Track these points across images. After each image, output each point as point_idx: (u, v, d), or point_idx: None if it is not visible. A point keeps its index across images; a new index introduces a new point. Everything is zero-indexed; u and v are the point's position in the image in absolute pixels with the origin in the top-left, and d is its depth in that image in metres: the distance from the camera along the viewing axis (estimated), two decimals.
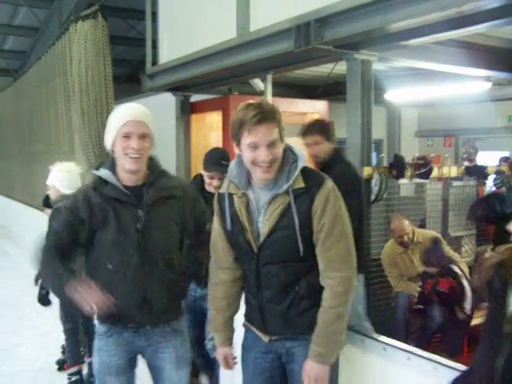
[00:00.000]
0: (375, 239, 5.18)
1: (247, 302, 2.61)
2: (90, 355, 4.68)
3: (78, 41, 6.16)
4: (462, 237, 5.78)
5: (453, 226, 5.75)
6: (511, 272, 1.86)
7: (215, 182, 3.70)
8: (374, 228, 5.24)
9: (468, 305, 4.64)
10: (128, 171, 2.63)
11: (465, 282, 4.67)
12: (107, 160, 2.74)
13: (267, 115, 2.31)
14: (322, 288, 2.41)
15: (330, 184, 2.42)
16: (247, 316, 2.65)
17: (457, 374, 2.32)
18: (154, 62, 7.05)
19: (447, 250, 5.08)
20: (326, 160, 4.13)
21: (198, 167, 7.59)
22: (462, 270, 4.77)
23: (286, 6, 4.65)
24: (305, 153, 2.54)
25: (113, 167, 2.67)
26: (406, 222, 5.04)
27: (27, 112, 10.96)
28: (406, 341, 3.46)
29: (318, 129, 4.24)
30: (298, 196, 2.39)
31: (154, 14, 6.96)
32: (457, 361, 2.66)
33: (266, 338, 2.54)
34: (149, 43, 7.05)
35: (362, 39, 4.26)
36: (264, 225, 2.41)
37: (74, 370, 4.52)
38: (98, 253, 2.63)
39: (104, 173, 2.65)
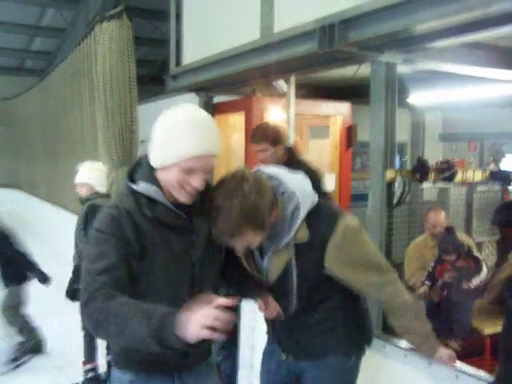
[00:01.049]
0: (397, 243, 5.16)
1: (266, 320, 2.60)
2: (109, 353, 4.76)
3: (103, 41, 6.22)
4: (485, 242, 5.71)
5: (476, 231, 5.68)
6: None
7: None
8: (396, 232, 5.22)
9: (476, 281, 4.57)
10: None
11: (483, 264, 4.63)
12: (138, 166, 2.17)
13: None
14: (341, 309, 2.40)
15: (342, 225, 2.24)
16: (267, 331, 2.64)
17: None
18: (178, 63, 7.08)
19: (462, 236, 5.06)
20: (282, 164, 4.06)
21: (220, 168, 7.60)
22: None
23: (310, 8, 4.63)
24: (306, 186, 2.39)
25: (155, 180, 2.10)
26: (443, 214, 5.06)
27: (52, 112, 11.09)
28: None
29: (261, 136, 4.25)
30: (301, 251, 2.27)
31: (178, 15, 7.01)
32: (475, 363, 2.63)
33: (282, 356, 2.54)
34: (173, 44, 7.08)
35: (386, 41, 4.22)
36: (270, 273, 2.38)
37: (89, 367, 4.60)
38: (142, 291, 2.02)
39: (149, 189, 2.07)
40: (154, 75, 13.62)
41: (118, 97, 6.16)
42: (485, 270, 4.63)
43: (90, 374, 4.58)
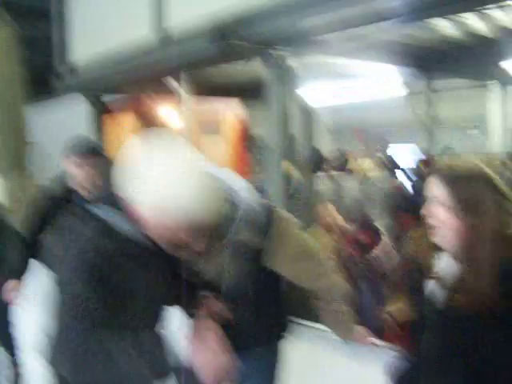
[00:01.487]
0: None
1: None
2: None
3: None
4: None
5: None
6: (425, 265, 1.94)
7: None
8: None
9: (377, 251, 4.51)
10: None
11: (385, 238, 4.70)
12: None
13: None
14: None
15: None
16: None
17: None
18: (63, 63, 6.86)
19: None
20: None
21: None
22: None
23: (202, 4, 4.67)
24: None
25: None
26: (330, 207, 5.21)
27: None
28: None
29: None
30: None
31: (61, 12, 6.77)
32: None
33: None
34: (57, 43, 6.86)
35: (274, 37, 4.33)
36: None
37: None
38: None
39: None
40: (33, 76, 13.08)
41: (4, 101, 5.88)
42: (385, 239, 4.74)
43: None
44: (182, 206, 1.66)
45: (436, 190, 1.83)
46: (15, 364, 4.67)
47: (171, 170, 1.68)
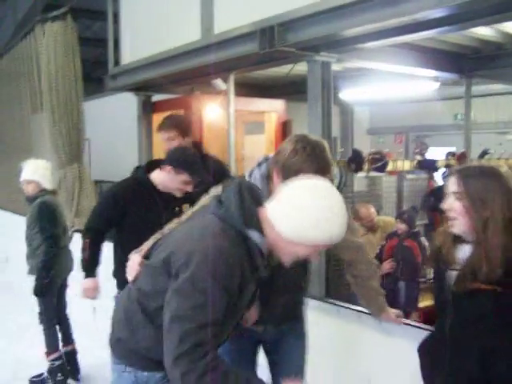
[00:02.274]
0: None
1: None
2: (65, 344, 4.90)
3: (46, 42, 6.30)
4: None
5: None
6: (448, 256, 2.18)
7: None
8: None
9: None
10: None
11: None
12: (241, 206, 2.00)
13: None
14: None
15: None
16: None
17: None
18: (116, 63, 7.20)
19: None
20: None
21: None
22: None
23: (250, 10, 4.92)
24: None
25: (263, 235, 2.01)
26: (372, 209, 5.45)
27: None
28: None
29: (173, 124, 4.19)
30: None
31: (116, 15, 7.10)
32: None
33: (259, 330, 2.79)
34: (111, 44, 7.18)
35: (321, 42, 4.57)
36: None
37: (54, 356, 4.73)
38: None
39: (263, 244, 2.00)
40: (87, 75, 13.56)
41: (63, 97, 6.27)
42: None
43: (57, 363, 4.72)
44: (321, 241, 1.94)
45: (453, 186, 2.10)
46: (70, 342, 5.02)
47: (324, 211, 1.91)
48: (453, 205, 2.11)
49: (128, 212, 3.45)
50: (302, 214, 1.90)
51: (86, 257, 3.60)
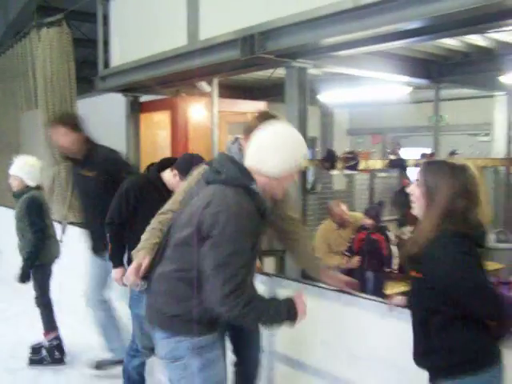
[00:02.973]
0: (312, 227, 5.92)
1: None
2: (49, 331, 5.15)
3: (42, 46, 6.62)
4: (388, 221, 6.56)
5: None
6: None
7: None
8: (311, 218, 5.96)
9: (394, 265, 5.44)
10: (271, 198, 2.54)
11: (392, 247, 5.44)
12: (230, 167, 2.47)
13: None
14: None
15: None
16: None
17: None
18: (106, 64, 7.50)
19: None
20: (85, 150, 4.45)
21: (147, 163, 8.11)
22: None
23: (233, 19, 5.27)
24: None
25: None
26: (344, 207, 5.82)
27: None
28: None
29: (63, 121, 4.51)
30: None
31: (105, 18, 7.37)
32: None
33: None
34: (100, 46, 7.44)
35: (298, 50, 4.96)
36: None
37: (53, 335, 5.05)
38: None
39: (260, 190, 2.45)
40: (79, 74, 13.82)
41: (58, 97, 6.59)
42: (395, 253, 5.45)
43: (55, 342, 5.05)
44: (299, 163, 2.51)
45: (418, 175, 2.48)
46: None
47: (290, 143, 2.48)
48: (413, 190, 2.48)
49: (138, 208, 3.72)
50: (276, 150, 2.43)
51: (111, 249, 3.87)
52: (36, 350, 5.07)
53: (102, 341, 4.74)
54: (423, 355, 2.40)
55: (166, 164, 3.89)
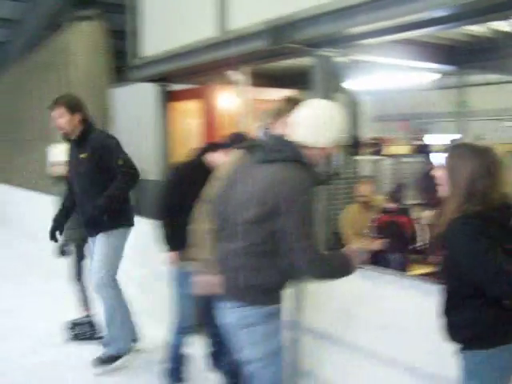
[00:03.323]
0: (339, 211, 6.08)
1: None
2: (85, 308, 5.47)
3: (78, 39, 6.89)
4: (412, 205, 6.69)
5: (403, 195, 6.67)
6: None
7: None
8: (337, 202, 6.12)
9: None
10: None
11: (417, 227, 5.57)
12: (279, 145, 2.78)
13: None
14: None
15: None
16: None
17: None
18: (137, 55, 7.72)
19: None
20: (79, 132, 4.62)
21: (177, 150, 8.36)
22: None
23: (261, 10, 5.46)
24: None
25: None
26: (370, 187, 5.97)
27: (12, 102, 11.50)
28: None
29: (60, 102, 4.64)
30: None
31: (134, 8, 7.59)
32: None
33: None
34: (131, 37, 7.70)
35: (324, 40, 5.11)
36: None
37: (87, 313, 5.37)
38: None
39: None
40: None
41: (92, 87, 6.86)
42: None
43: (89, 319, 5.37)
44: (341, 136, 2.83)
45: (443, 159, 2.62)
46: None
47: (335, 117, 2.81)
48: (439, 173, 2.62)
49: (188, 192, 3.82)
50: (320, 124, 2.75)
51: (164, 234, 4.09)
52: (73, 326, 5.38)
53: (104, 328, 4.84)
54: (450, 328, 2.55)
55: (208, 148, 4.13)
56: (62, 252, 5.42)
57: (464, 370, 2.52)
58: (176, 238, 4.02)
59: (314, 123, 2.76)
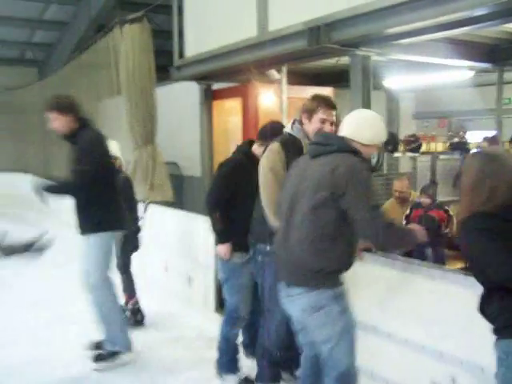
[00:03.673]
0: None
1: None
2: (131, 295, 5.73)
3: (125, 41, 7.20)
4: (449, 202, 6.77)
5: (440, 192, 6.75)
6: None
7: None
8: (374, 198, 6.23)
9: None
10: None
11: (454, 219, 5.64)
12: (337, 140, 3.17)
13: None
14: None
15: None
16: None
17: None
18: (180, 55, 7.94)
19: None
20: (73, 130, 4.66)
21: (219, 147, 8.61)
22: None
23: (300, 11, 5.61)
24: None
25: None
26: (406, 182, 6.09)
27: None
28: None
29: (51, 106, 4.70)
30: None
31: (180, 9, 7.80)
32: None
33: None
34: (176, 37, 7.89)
35: (362, 40, 5.26)
36: None
37: (134, 300, 5.64)
38: None
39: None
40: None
41: (139, 86, 7.15)
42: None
43: (137, 306, 5.65)
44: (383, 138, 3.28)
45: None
46: None
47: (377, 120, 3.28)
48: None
49: (240, 186, 4.14)
50: (371, 125, 3.21)
51: (219, 228, 4.25)
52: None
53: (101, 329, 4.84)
54: (486, 318, 2.66)
55: (252, 142, 4.41)
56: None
57: (497, 357, 2.62)
58: (228, 231, 4.22)
59: (363, 123, 3.19)
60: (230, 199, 4.15)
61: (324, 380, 3.18)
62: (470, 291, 2.87)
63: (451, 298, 3.38)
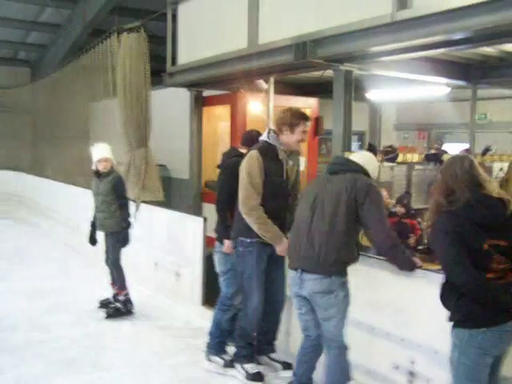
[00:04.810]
0: None
1: None
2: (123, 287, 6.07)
3: (123, 49, 7.53)
4: (422, 209, 7.16)
5: (415, 201, 7.15)
6: None
7: None
8: None
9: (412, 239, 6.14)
10: None
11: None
12: None
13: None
14: None
15: None
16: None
17: None
18: (173, 61, 8.19)
19: None
20: None
21: (207, 151, 8.94)
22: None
23: (288, 27, 5.96)
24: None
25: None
26: (386, 193, 6.46)
27: (59, 101, 12.19)
28: None
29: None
30: None
31: (174, 18, 8.06)
32: None
33: None
34: (169, 45, 8.16)
35: (345, 56, 5.65)
36: None
37: (125, 291, 5.97)
38: None
39: None
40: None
41: (134, 92, 7.47)
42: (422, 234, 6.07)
43: (128, 297, 5.97)
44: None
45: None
46: None
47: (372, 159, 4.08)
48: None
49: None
50: (369, 161, 3.94)
51: (230, 224, 4.58)
52: (111, 303, 6.02)
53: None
54: (444, 306, 3.03)
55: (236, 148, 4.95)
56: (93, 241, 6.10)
57: (452, 343, 2.97)
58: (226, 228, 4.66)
59: (367, 160, 3.95)
60: (233, 199, 4.48)
61: (325, 352, 3.81)
62: (431, 286, 3.28)
63: (414, 291, 3.84)
